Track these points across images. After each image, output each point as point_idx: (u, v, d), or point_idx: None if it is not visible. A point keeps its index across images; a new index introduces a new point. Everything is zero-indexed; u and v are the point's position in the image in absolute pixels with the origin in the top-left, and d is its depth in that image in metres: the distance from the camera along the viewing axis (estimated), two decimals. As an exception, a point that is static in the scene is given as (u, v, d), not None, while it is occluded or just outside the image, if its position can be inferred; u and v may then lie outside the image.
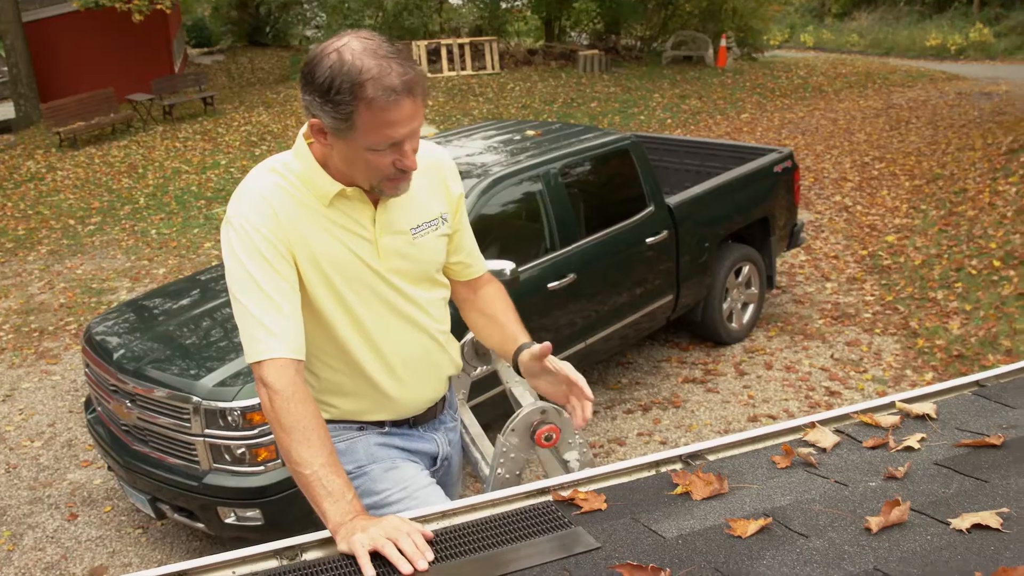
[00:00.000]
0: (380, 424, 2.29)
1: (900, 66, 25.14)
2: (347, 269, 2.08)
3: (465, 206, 2.36)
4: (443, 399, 2.41)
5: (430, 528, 1.72)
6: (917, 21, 32.93)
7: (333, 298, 2.09)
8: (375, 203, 2.09)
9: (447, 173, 2.28)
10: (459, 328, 2.50)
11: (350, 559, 1.66)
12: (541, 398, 2.33)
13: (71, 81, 19.06)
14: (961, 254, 8.34)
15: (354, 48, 1.86)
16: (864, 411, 2.12)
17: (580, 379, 2.13)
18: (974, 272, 7.83)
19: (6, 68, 18.79)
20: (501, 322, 2.38)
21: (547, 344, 2.17)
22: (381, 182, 1.99)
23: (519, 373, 2.29)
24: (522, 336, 2.33)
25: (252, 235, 1.97)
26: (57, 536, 4.81)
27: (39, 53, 18.94)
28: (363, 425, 2.28)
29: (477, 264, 2.45)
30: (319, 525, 1.80)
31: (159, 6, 17.13)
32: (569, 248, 5.37)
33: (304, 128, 2.09)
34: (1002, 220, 8.88)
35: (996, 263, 7.82)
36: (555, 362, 2.17)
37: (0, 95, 21.29)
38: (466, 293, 2.46)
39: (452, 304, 2.42)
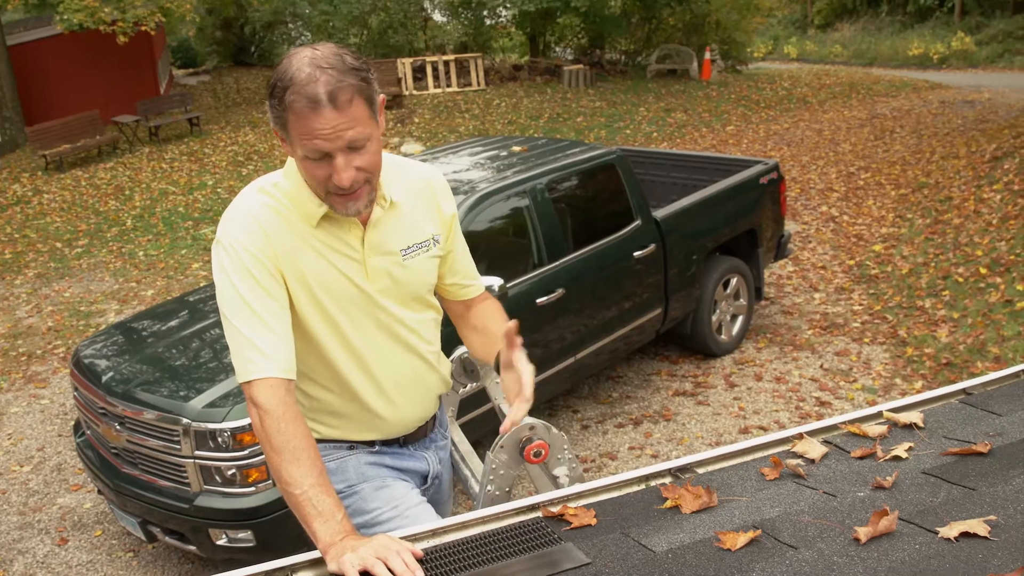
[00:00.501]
0: (370, 443, 2.29)
1: (883, 76, 25.31)
2: (336, 290, 2.08)
3: (459, 227, 2.36)
4: (433, 418, 2.41)
5: (420, 546, 1.72)
6: (899, 31, 33.15)
7: (323, 319, 2.09)
8: (364, 224, 2.10)
9: (439, 193, 2.27)
10: (449, 344, 2.50)
11: (340, 579, 1.66)
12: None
13: (56, 104, 19.03)
14: (948, 262, 8.38)
15: (303, 56, 1.88)
16: (851, 421, 2.13)
17: (525, 381, 2.03)
18: (961, 280, 7.86)
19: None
20: (491, 332, 2.33)
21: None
22: (328, 197, 1.98)
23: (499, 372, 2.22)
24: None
25: (242, 255, 1.97)
26: (47, 561, 4.78)
27: (24, 76, 18.91)
28: (353, 444, 2.27)
29: (474, 284, 2.43)
30: (311, 545, 1.80)
31: (144, 28, 17.13)
32: (557, 263, 5.38)
33: None
34: (987, 227, 8.93)
35: (983, 270, 7.86)
36: (519, 360, 2.07)
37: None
38: (461, 310, 2.46)
39: (444, 322, 2.42)
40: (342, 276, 2.08)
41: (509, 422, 2.02)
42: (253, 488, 3.97)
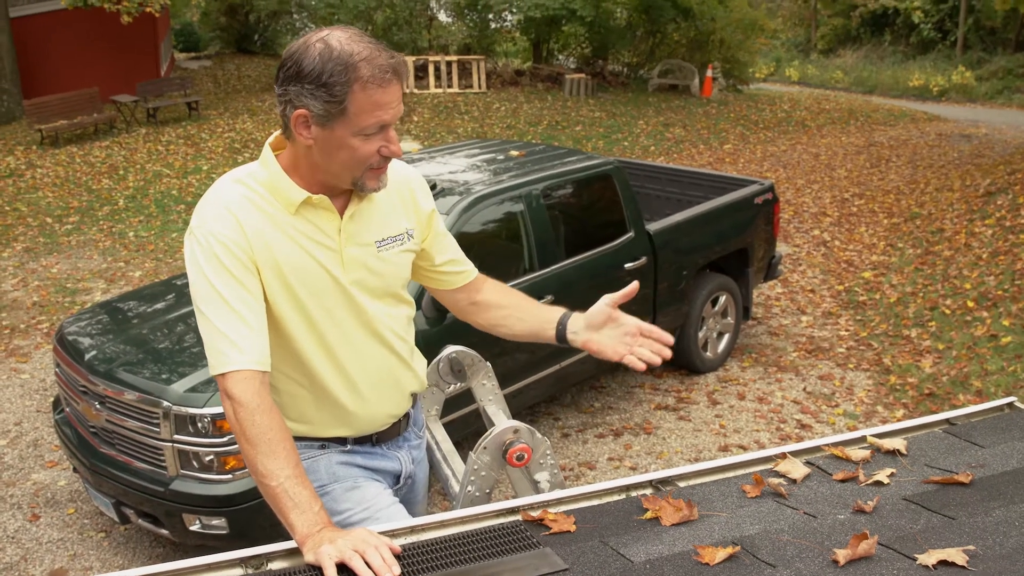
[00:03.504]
0: (342, 441, 2.27)
1: (883, 104, 25.43)
2: (310, 279, 2.07)
3: (439, 220, 2.36)
4: (407, 416, 2.40)
5: (398, 542, 1.71)
6: (901, 61, 33.35)
7: (295, 309, 2.08)
8: (341, 213, 2.09)
9: (416, 190, 2.28)
10: (435, 345, 2.49)
11: (316, 570, 1.66)
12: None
13: (56, 79, 18.97)
14: (936, 293, 8.41)
15: (339, 36, 1.90)
16: (835, 444, 2.13)
17: (639, 323, 2.18)
18: (948, 312, 7.89)
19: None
20: (528, 306, 2.39)
21: (635, 284, 2.22)
22: (364, 173, 2.00)
23: (564, 343, 2.27)
24: (556, 309, 2.33)
25: (215, 246, 1.96)
26: (18, 537, 4.75)
27: (25, 49, 18.84)
28: (325, 443, 2.26)
29: (467, 268, 2.43)
30: (285, 536, 1.79)
31: (148, 9, 17.10)
32: (548, 270, 5.38)
33: (271, 138, 2.09)
34: (977, 261, 8.97)
35: (970, 304, 7.89)
36: (620, 314, 2.22)
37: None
38: (470, 298, 2.43)
39: (430, 322, 2.42)
40: (318, 265, 2.07)
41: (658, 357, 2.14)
42: (230, 475, 3.96)
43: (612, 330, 2.20)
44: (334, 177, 2.02)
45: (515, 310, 2.39)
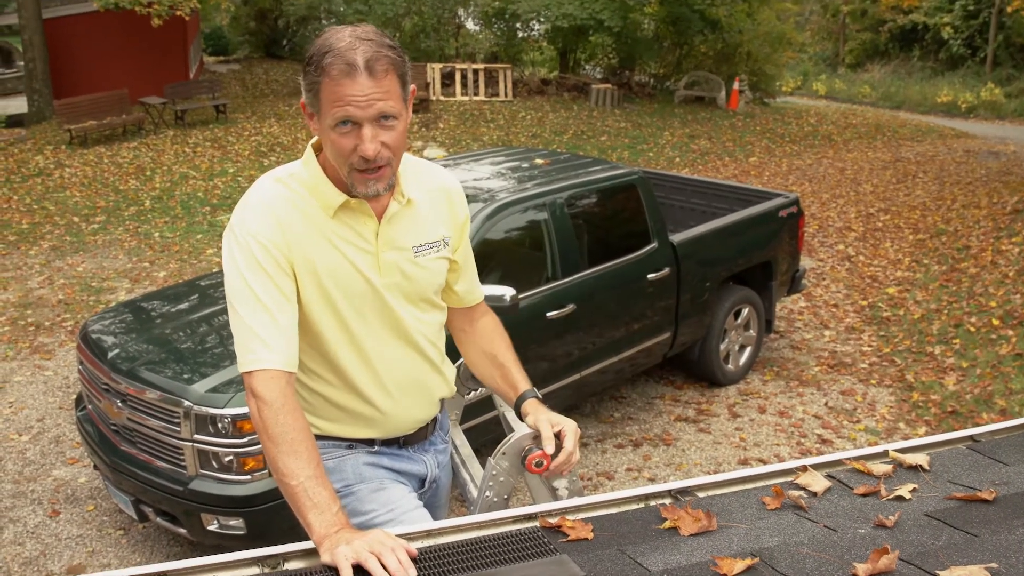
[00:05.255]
0: (370, 443, 2.28)
1: (910, 120, 25.29)
2: (346, 281, 2.08)
3: (469, 232, 2.38)
4: (434, 420, 2.40)
5: (415, 546, 1.71)
6: (929, 77, 33.16)
7: (329, 311, 2.09)
8: (379, 218, 2.10)
9: (454, 198, 2.29)
10: (456, 352, 2.49)
11: (332, 571, 1.66)
12: None
13: (86, 80, 19.13)
14: (961, 311, 8.34)
15: (343, 29, 1.92)
16: (857, 458, 2.11)
17: (567, 447, 2.18)
18: (973, 329, 7.83)
19: (22, 63, 18.83)
20: (501, 363, 2.39)
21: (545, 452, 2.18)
22: (351, 174, 1.97)
23: (520, 418, 2.29)
24: (523, 383, 2.34)
25: (253, 246, 1.98)
26: (38, 532, 4.78)
27: (56, 50, 19.01)
28: (353, 444, 2.27)
29: (475, 291, 2.45)
30: (302, 537, 1.79)
31: (179, 12, 17.23)
32: (570, 278, 5.37)
33: (315, 138, 2.10)
34: (1003, 279, 8.89)
35: (995, 322, 7.82)
36: (561, 422, 2.23)
37: (15, 90, 21.38)
38: (463, 323, 2.47)
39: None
40: (353, 268, 2.08)
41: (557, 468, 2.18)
42: (249, 476, 3.97)
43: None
44: (340, 174, 2.02)
45: (492, 366, 2.42)
